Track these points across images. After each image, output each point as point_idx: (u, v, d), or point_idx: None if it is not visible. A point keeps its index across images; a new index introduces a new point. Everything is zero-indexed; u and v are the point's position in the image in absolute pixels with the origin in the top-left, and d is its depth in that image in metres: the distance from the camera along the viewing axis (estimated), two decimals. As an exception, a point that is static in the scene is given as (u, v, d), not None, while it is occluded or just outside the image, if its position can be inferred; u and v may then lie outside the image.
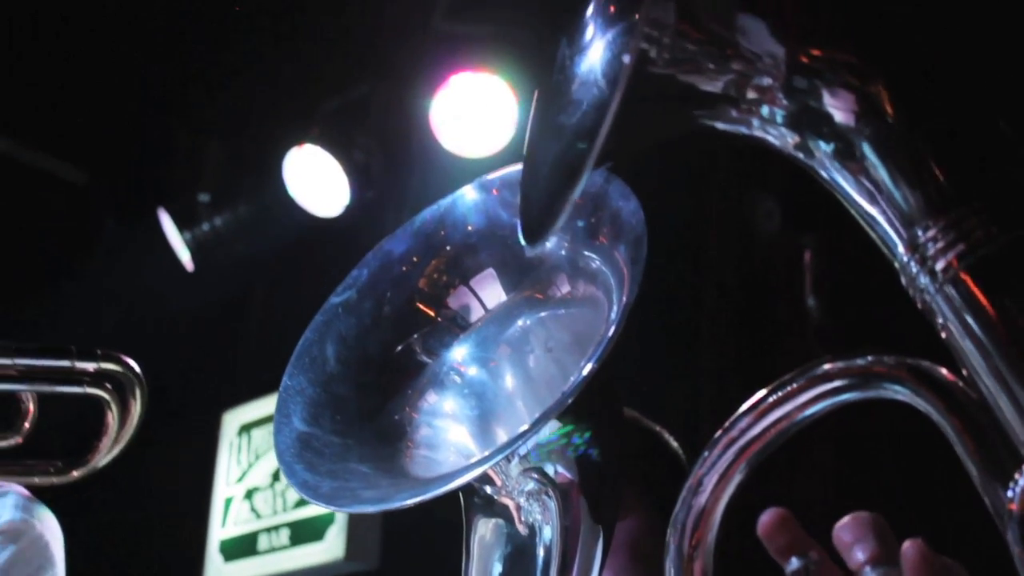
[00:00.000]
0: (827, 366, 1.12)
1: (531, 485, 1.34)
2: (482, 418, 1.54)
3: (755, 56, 0.96)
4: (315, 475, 1.41)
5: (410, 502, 1.32)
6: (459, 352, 1.56)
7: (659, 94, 0.99)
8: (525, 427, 1.30)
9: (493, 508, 1.39)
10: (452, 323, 1.56)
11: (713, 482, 1.16)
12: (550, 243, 1.20)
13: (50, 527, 2.18)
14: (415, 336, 1.55)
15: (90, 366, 2.21)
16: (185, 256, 5.01)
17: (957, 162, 0.97)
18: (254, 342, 5.07)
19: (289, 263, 4.94)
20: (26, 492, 2.20)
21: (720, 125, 1.02)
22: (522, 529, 1.37)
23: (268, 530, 4.73)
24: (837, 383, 1.09)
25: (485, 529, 1.40)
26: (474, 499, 1.41)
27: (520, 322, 1.55)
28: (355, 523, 4.49)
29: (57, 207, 5.53)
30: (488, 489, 1.37)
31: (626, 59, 0.93)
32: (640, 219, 1.25)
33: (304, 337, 1.55)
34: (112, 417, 2.25)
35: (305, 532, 4.62)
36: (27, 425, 2.18)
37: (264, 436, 4.90)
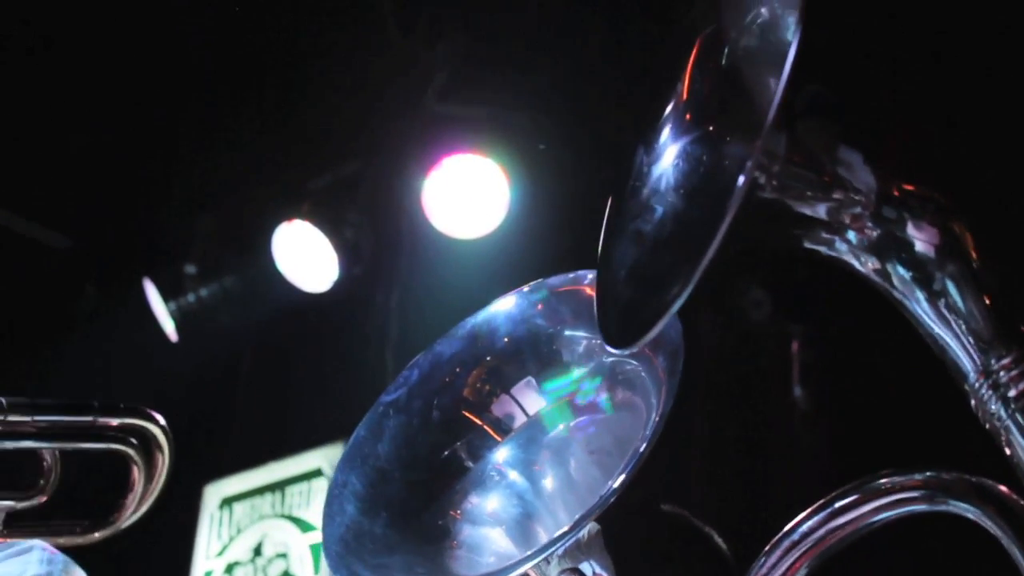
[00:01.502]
0: (885, 480, 1.17)
1: None
2: (524, 519, 1.57)
3: (851, 185, 1.02)
4: (364, 570, 1.44)
5: None
6: (502, 454, 1.59)
7: (759, 215, 1.04)
8: (565, 528, 1.34)
9: None
10: (496, 428, 1.59)
11: None
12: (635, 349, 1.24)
13: None
14: (460, 442, 1.58)
15: (113, 421, 2.18)
16: (169, 327, 5.01)
17: (1029, 300, 1.03)
18: (238, 415, 5.06)
19: (275, 337, 4.95)
20: (51, 548, 2.16)
21: (807, 244, 1.07)
22: None
23: (247, 605, 4.71)
24: (901, 496, 1.14)
25: None
26: None
27: (561, 426, 1.59)
28: (336, 601, 4.46)
29: (39, 274, 5.52)
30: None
31: (739, 184, 0.98)
32: (678, 331, 1.30)
33: (356, 434, 1.58)
34: (138, 473, 2.21)
35: (286, 609, 4.60)
36: (50, 483, 2.15)
37: (246, 510, 4.88)
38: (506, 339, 1.65)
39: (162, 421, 2.27)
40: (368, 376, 4.66)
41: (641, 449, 1.34)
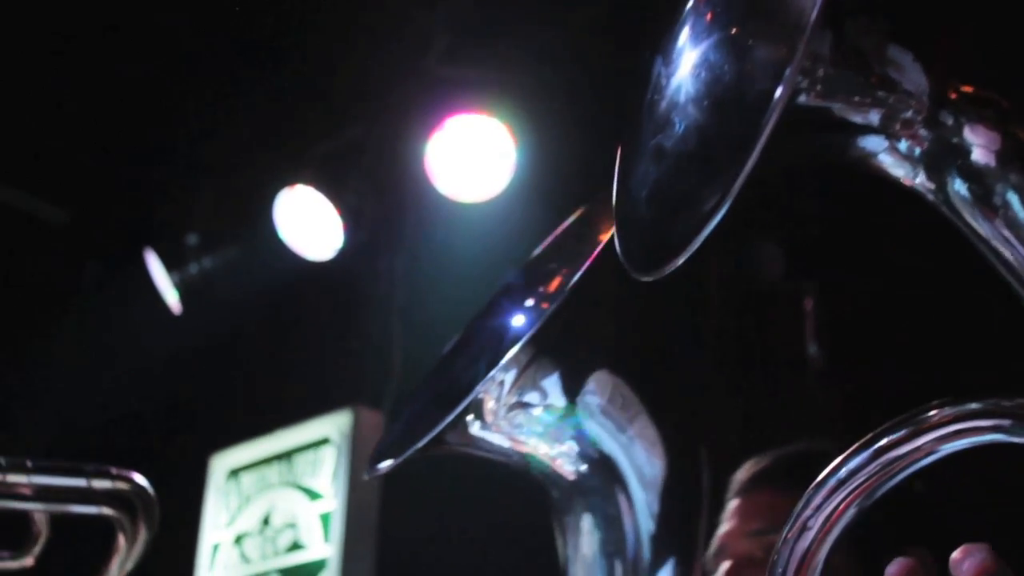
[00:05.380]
0: (935, 412, 1.10)
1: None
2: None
3: (902, 88, 0.94)
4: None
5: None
6: None
7: (799, 123, 0.96)
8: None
9: (576, 502, 1.43)
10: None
11: (819, 524, 1.12)
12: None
13: None
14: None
15: (105, 485, 2.15)
16: (172, 298, 4.95)
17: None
18: (244, 385, 5.00)
19: (280, 305, 4.88)
20: None
21: (851, 155, 1.00)
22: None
23: (257, 576, 4.66)
24: (958, 426, 1.06)
25: (577, 523, 1.43)
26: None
27: None
28: (347, 568, 4.42)
29: (41, 250, 5.47)
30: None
31: (780, 90, 0.90)
32: None
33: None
34: (123, 538, 2.18)
35: (296, 579, 4.56)
36: (39, 545, 2.13)
37: (253, 480, 4.83)
38: None
39: (150, 489, 2.26)
40: (374, 343, 4.60)
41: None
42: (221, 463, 4.97)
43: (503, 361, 1.41)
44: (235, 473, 4.90)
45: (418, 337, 4.38)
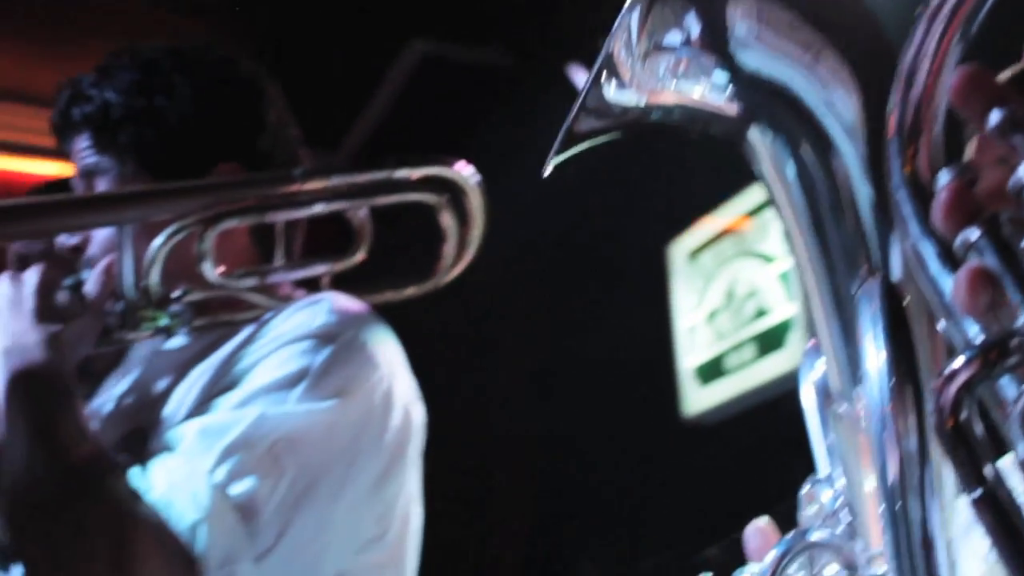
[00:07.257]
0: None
1: None
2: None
3: None
4: None
5: None
6: None
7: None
8: None
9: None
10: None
11: (926, 67, 0.97)
12: None
13: (369, 334, 2.07)
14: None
15: (413, 173, 2.17)
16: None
17: None
18: (679, 173, 5.02)
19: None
20: (342, 300, 2.12)
21: None
22: None
23: (733, 348, 4.71)
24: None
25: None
26: None
27: None
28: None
29: (486, 92, 5.72)
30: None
31: None
32: None
33: None
34: (449, 220, 2.20)
35: (767, 343, 4.55)
36: (363, 240, 2.18)
37: (711, 258, 4.86)
38: None
39: (462, 167, 2.23)
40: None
41: None
42: (679, 249, 5.03)
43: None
44: (694, 255, 4.96)
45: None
